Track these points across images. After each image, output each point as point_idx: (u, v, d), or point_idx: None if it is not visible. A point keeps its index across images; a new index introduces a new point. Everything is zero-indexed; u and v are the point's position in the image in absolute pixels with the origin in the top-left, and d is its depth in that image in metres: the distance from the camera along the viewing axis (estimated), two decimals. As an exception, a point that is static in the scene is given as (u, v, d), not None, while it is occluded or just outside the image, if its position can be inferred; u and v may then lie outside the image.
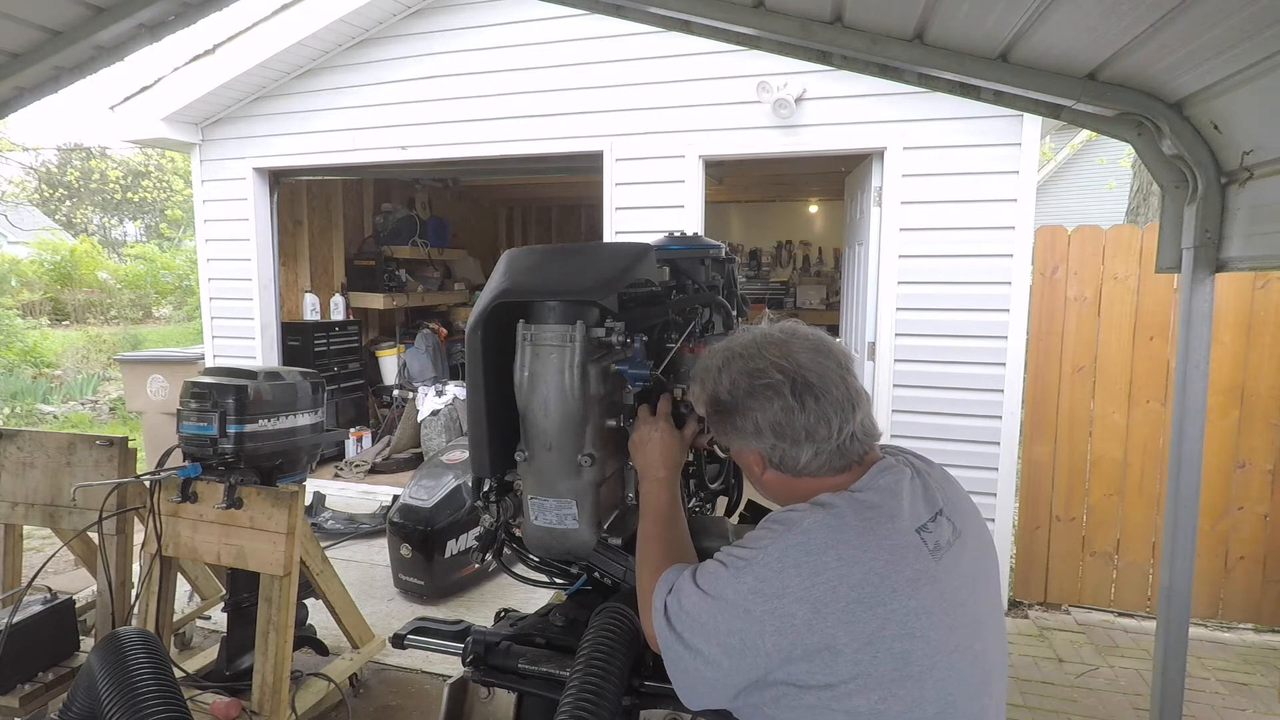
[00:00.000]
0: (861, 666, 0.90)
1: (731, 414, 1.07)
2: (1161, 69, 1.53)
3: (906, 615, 0.92)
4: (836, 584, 0.92)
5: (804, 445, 1.03)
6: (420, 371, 6.26)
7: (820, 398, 1.03)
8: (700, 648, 0.98)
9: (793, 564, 0.94)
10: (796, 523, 0.98)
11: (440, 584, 3.61)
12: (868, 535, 0.96)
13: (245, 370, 2.39)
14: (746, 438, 1.07)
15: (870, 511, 0.99)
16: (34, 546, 3.94)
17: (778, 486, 1.10)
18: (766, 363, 1.05)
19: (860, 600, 0.92)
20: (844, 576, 0.93)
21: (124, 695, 1.32)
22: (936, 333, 3.66)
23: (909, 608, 0.93)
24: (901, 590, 0.93)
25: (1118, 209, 10.11)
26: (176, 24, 2.28)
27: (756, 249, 8.69)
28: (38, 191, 21.46)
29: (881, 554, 0.95)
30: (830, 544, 0.95)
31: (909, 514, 1.01)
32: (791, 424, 1.03)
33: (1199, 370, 1.74)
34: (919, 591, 0.94)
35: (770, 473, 1.09)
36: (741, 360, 1.07)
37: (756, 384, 1.04)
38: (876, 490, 1.02)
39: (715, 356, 1.11)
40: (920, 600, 0.94)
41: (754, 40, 1.95)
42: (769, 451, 1.06)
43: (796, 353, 1.05)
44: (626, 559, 1.27)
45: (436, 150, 4.44)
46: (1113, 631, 3.47)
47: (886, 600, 0.92)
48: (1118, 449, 3.56)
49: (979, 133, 3.52)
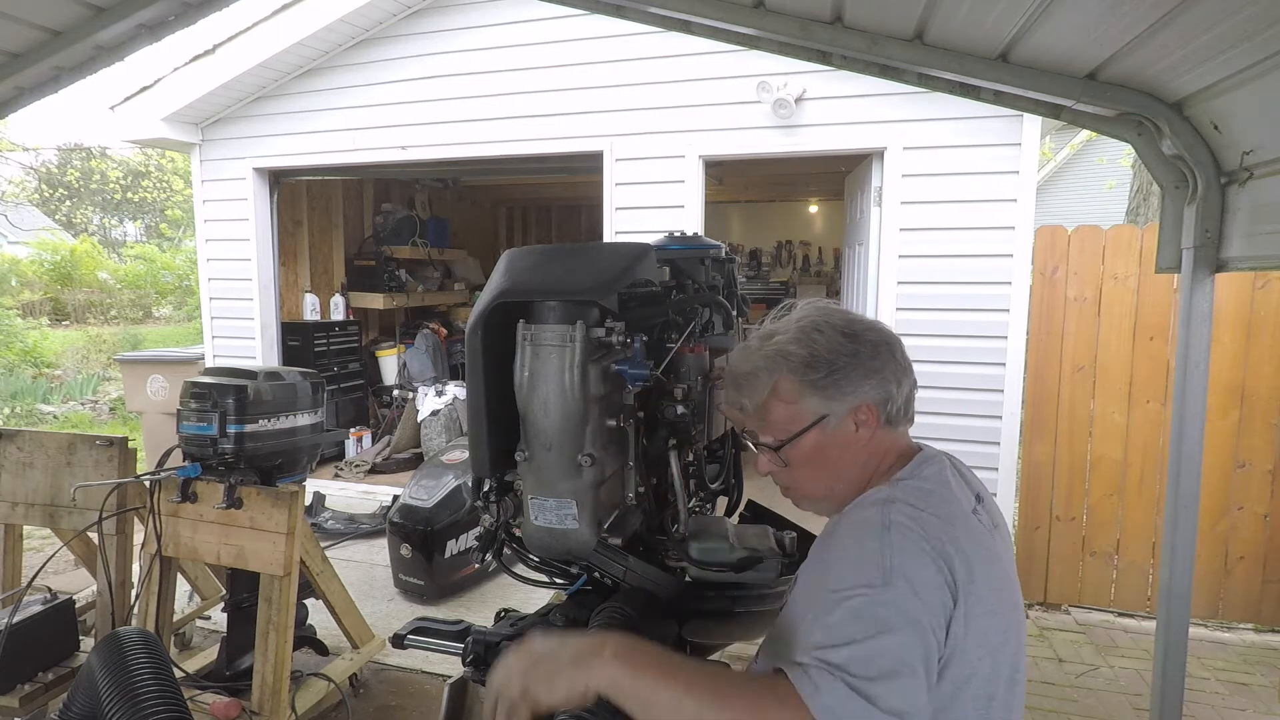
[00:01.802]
0: (955, 641, 0.91)
1: (836, 370, 1.04)
2: (1161, 69, 1.53)
3: (987, 591, 0.94)
4: (949, 564, 0.92)
5: (903, 386, 1.07)
6: (420, 371, 6.26)
7: (896, 348, 1.08)
8: (903, 685, 0.82)
9: (915, 554, 0.91)
10: (881, 523, 0.95)
11: (440, 584, 3.61)
12: (949, 514, 0.97)
13: (245, 370, 2.39)
14: (861, 388, 1.05)
15: (933, 498, 0.99)
16: (34, 546, 3.94)
17: (864, 450, 1.08)
18: (844, 319, 1.08)
19: (961, 581, 0.92)
20: (955, 554, 0.93)
21: (124, 695, 1.32)
22: (936, 333, 3.66)
23: (988, 584, 0.94)
24: (980, 566, 0.94)
25: (1118, 209, 10.11)
26: (176, 24, 2.28)
27: (756, 249, 8.69)
28: (38, 191, 21.46)
29: (964, 533, 0.96)
30: (929, 530, 0.93)
31: (961, 498, 1.03)
32: (894, 368, 1.06)
33: (1199, 370, 1.74)
34: (992, 569, 0.96)
35: (865, 431, 1.07)
36: (821, 320, 1.08)
37: (857, 331, 1.06)
38: (923, 479, 1.04)
39: (784, 331, 1.09)
40: (993, 577, 0.96)
41: (754, 40, 1.95)
42: (881, 397, 1.06)
43: (854, 316, 1.10)
44: (626, 559, 1.27)
45: (436, 150, 4.44)
46: (1113, 631, 3.47)
47: (976, 578, 0.93)
48: (1118, 449, 3.56)
49: (979, 133, 3.52)
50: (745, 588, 1.38)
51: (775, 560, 1.33)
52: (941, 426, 3.63)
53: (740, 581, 1.35)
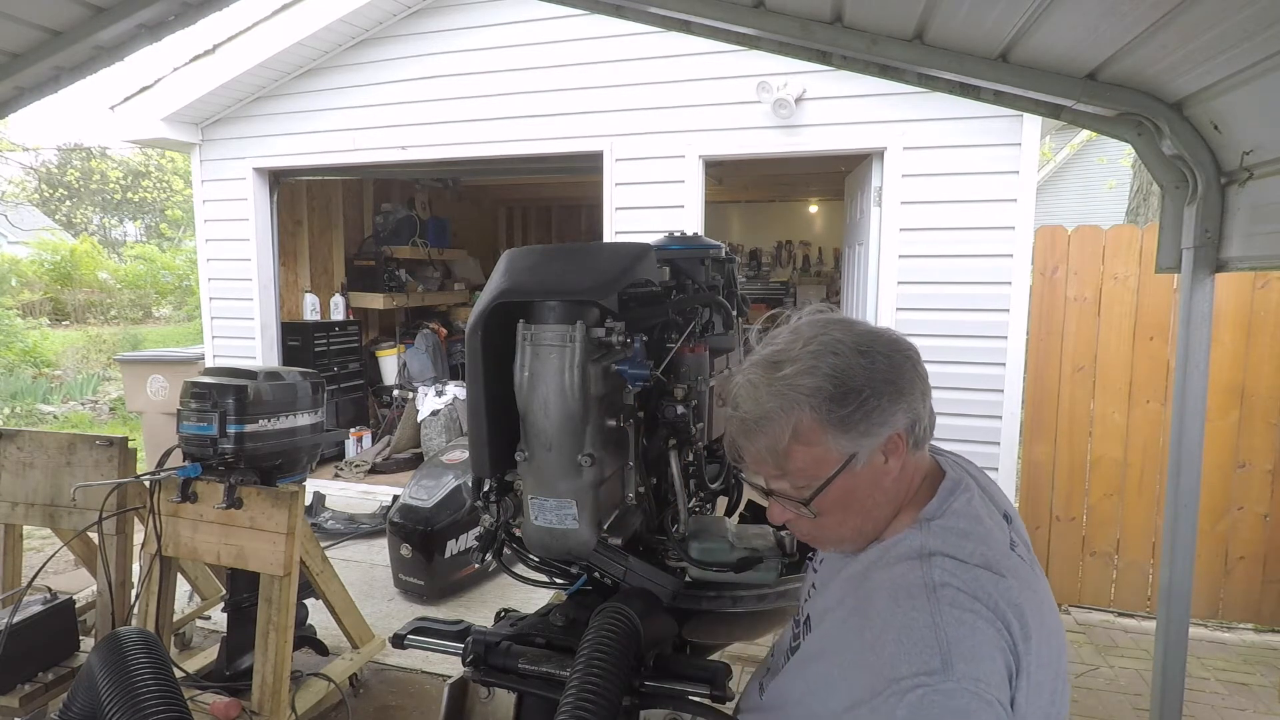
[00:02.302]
0: (1019, 709, 0.84)
1: (865, 400, 0.89)
2: (1161, 69, 1.53)
3: (1042, 644, 0.85)
4: (1007, 626, 0.83)
5: (927, 401, 0.95)
6: (420, 371, 6.26)
7: (917, 359, 0.96)
8: None
9: (971, 626, 0.81)
10: (925, 586, 0.84)
11: (440, 584, 3.61)
12: (993, 560, 0.88)
13: (245, 370, 2.39)
14: (893, 417, 0.91)
15: (971, 541, 0.89)
16: (34, 546, 3.94)
17: (893, 481, 0.95)
18: (856, 336, 0.93)
19: (1019, 640, 0.84)
20: (1010, 612, 0.84)
21: (124, 695, 1.32)
22: (936, 333, 3.66)
23: (1042, 635, 0.86)
24: (1033, 617, 0.85)
25: (1118, 209, 10.11)
26: (176, 24, 2.28)
27: (756, 249, 8.69)
28: (38, 191, 21.45)
29: (1015, 581, 0.86)
30: (979, 589, 0.84)
31: (997, 532, 0.93)
32: (920, 383, 0.94)
33: (1199, 370, 1.74)
34: (1044, 617, 0.87)
35: (894, 461, 0.94)
36: (832, 340, 0.92)
37: (874, 347, 0.92)
38: (955, 515, 0.93)
39: (795, 360, 0.92)
40: (1045, 626, 0.87)
41: (754, 40, 1.95)
42: (910, 421, 0.93)
43: (862, 328, 0.97)
44: (626, 559, 1.27)
45: (436, 150, 4.44)
46: (1113, 631, 3.47)
47: (1032, 633, 0.84)
48: (1118, 449, 3.56)
49: (979, 133, 3.52)
50: (745, 588, 1.38)
51: (775, 560, 1.33)
52: (941, 426, 3.56)
53: (740, 581, 1.35)
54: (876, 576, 0.90)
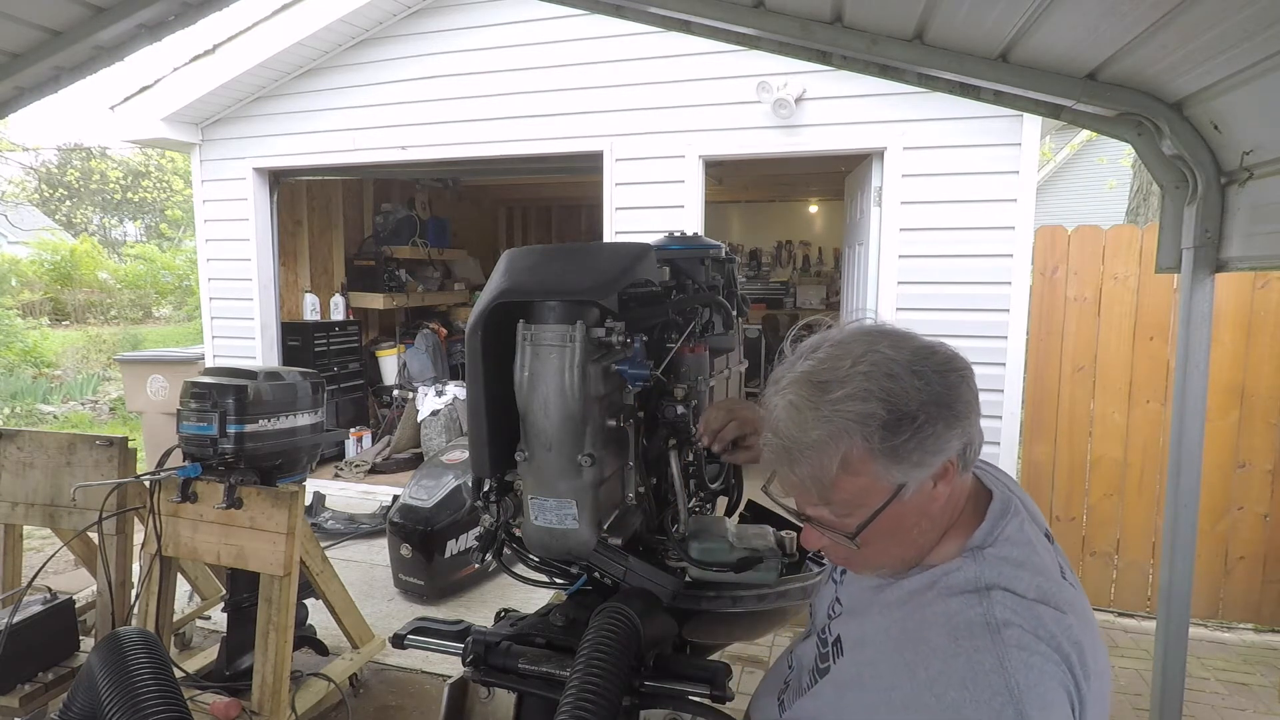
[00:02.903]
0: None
1: (920, 429, 0.81)
2: (1161, 69, 1.53)
3: (1097, 678, 0.82)
4: (1070, 667, 0.79)
5: (978, 422, 0.87)
6: (420, 371, 6.26)
7: (970, 378, 0.88)
8: None
9: (1040, 669, 0.77)
10: (987, 625, 0.79)
11: (440, 584, 3.61)
12: (1052, 593, 0.83)
13: (245, 370, 2.39)
14: (948, 445, 0.83)
15: (1027, 571, 0.84)
16: (34, 546, 3.94)
17: (941, 508, 0.88)
18: (911, 353, 0.85)
19: (1080, 679, 0.80)
20: (1073, 651, 0.80)
21: (124, 695, 1.32)
22: (936, 333, 3.55)
23: (1098, 668, 0.82)
24: (1089, 650, 0.81)
25: (1118, 209, 10.11)
26: (176, 24, 2.28)
27: (756, 249, 8.69)
28: (38, 191, 21.45)
29: (1074, 615, 0.82)
30: (1043, 628, 0.79)
31: (1050, 560, 0.87)
32: (974, 404, 0.86)
33: (1199, 370, 1.74)
34: (1097, 648, 0.83)
35: (944, 487, 0.86)
36: (888, 360, 0.84)
37: (932, 367, 0.85)
38: (1008, 541, 0.87)
39: (845, 381, 0.83)
40: (1099, 657, 0.83)
41: (754, 40, 1.95)
42: (962, 445, 0.85)
43: (917, 343, 0.90)
44: (626, 559, 1.27)
45: (436, 150, 4.44)
46: (1113, 631, 3.47)
47: (1090, 668, 0.80)
48: (1118, 449, 3.56)
49: (979, 133, 3.52)
50: (745, 587, 1.38)
51: (775, 560, 1.33)
52: None
53: (740, 581, 1.35)
54: (930, 610, 0.84)
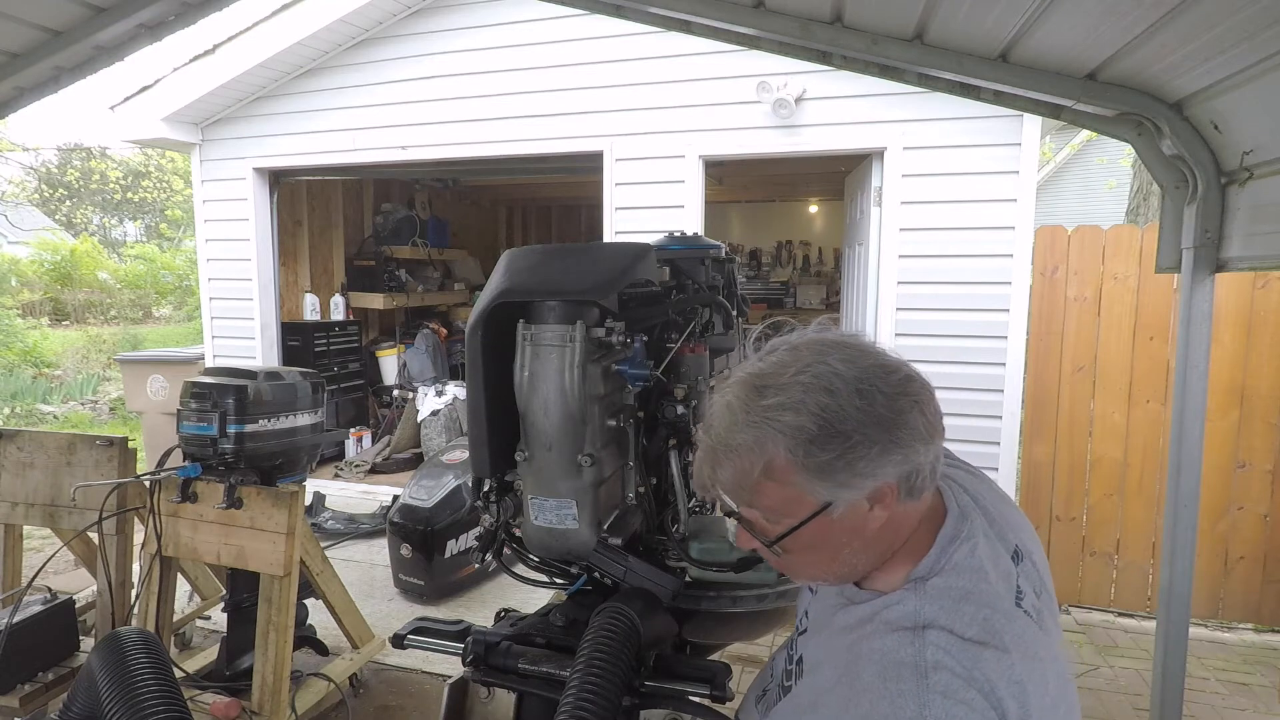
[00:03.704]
0: None
1: (851, 448, 0.77)
2: (1161, 69, 1.53)
3: (1042, 716, 0.76)
4: (1001, 713, 0.74)
5: (931, 450, 0.81)
6: (420, 371, 6.26)
7: (926, 404, 0.82)
8: None
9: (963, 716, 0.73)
10: (916, 668, 0.76)
11: (440, 584, 3.61)
12: (995, 631, 0.78)
13: (245, 370, 2.39)
14: (881, 469, 0.78)
15: (971, 604, 0.79)
16: (34, 546, 3.94)
17: (877, 531, 0.84)
18: (859, 371, 0.80)
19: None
20: (1007, 695, 0.74)
21: (124, 695, 1.32)
22: (936, 333, 3.66)
23: (1042, 708, 0.76)
24: (1034, 691, 0.76)
25: (1118, 209, 10.11)
26: (176, 24, 2.29)
27: (756, 249, 8.69)
28: (38, 191, 21.45)
29: (1018, 655, 0.77)
30: (975, 671, 0.75)
31: (1003, 587, 0.82)
32: (924, 430, 0.80)
33: (1199, 370, 1.74)
34: (1046, 687, 0.78)
35: (881, 510, 0.82)
36: (830, 374, 0.79)
37: (876, 387, 0.79)
38: (956, 570, 0.82)
39: (782, 389, 0.79)
40: (1047, 695, 0.77)
41: (754, 40, 1.95)
42: (905, 473, 0.80)
43: (871, 361, 0.84)
44: (626, 559, 1.27)
45: (436, 150, 4.44)
46: (1113, 631, 3.47)
47: (1032, 710, 0.75)
48: (1118, 449, 3.56)
49: (979, 133, 3.52)
50: (745, 587, 1.38)
51: (775, 560, 1.33)
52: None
53: (740, 581, 1.35)
54: (868, 644, 0.81)
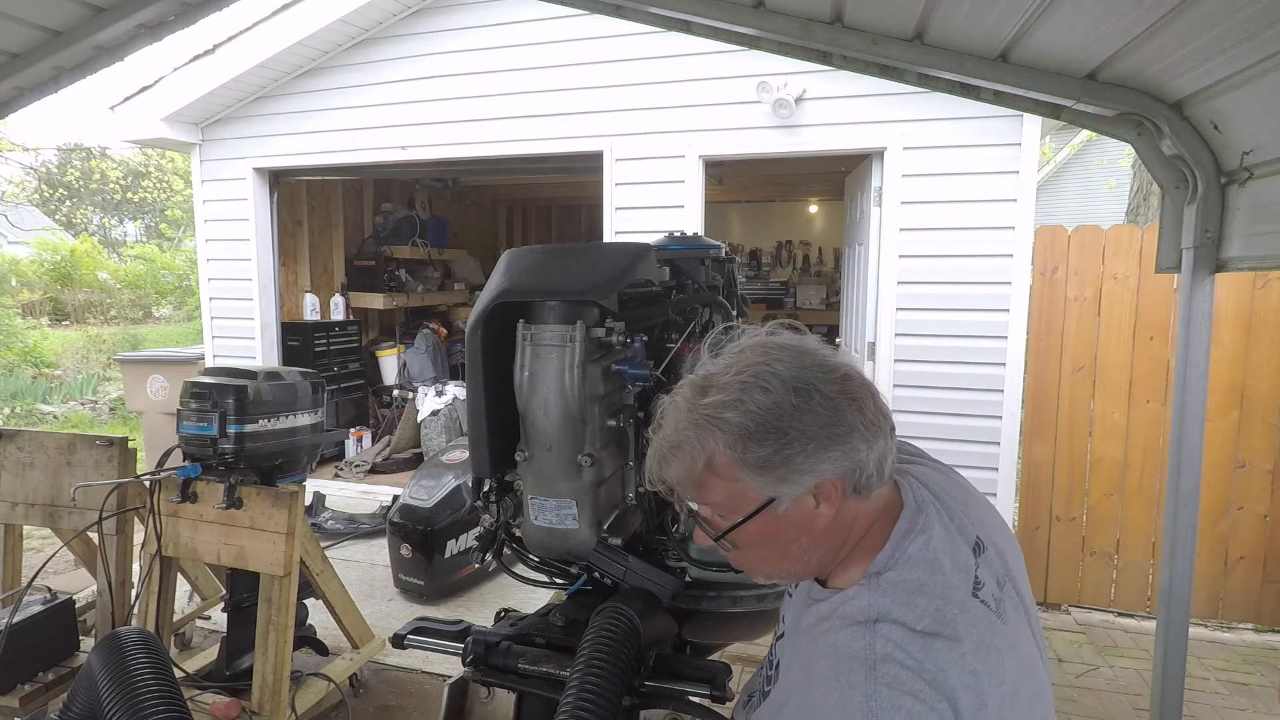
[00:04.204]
0: None
1: (786, 444, 0.80)
2: (1161, 69, 1.53)
3: (1000, 705, 0.78)
4: (953, 704, 0.75)
5: (874, 448, 0.83)
6: (420, 371, 6.26)
7: (865, 402, 0.84)
8: None
9: (908, 711, 0.74)
10: (865, 661, 0.77)
11: (440, 584, 3.61)
12: (948, 621, 0.79)
13: (245, 370, 2.39)
14: (818, 465, 0.81)
15: (923, 596, 0.81)
16: (34, 546, 3.94)
17: (826, 528, 0.86)
18: (795, 368, 0.83)
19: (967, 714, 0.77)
20: (959, 686, 0.76)
21: (124, 695, 1.32)
22: (936, 333, 3.66)
23: (999, 698, 0.78)
24: (990, 682, 0.77)
25: (1118, 209, 10.11)
26: (176, 24, 2.29)
27: (756, 249, 8.68)
28: (38, 191, 21.45)
29: (971, 647, 0.78)
30: (925, 663, 0.76)
31: (959, 578, 0.83)
32: (864, 429, 0.82)
33: (1199, 370, 1.74)
34: (1004, 678, 0.79)
35: (827, 507, 0.84)
36: (765, 371, 0.83)
37: (812, 384, 0.82)
38: (909, 563, 0.84)
39: (721, 388, 0.83)
40: (1005, 684, 0.79)
41: (754, 40, 1.95)
42: (847, 469, 0.82)
43: (811, 359, 0.86)
44: (626, 559, 1.27)
45: (436, 150, 4.44)
46: (1113, 631, 3.47)
47: (988, 700, 0.77)
48: (1118, 449, 3.56)
49: (979, 133, 3.52)
50: (745, 588, 1.38)
51: (775, 560, 1.33)
52: (941, 426, 3.64)
53: (740, 581, 1.35)
54: (824, 640, 0.83)
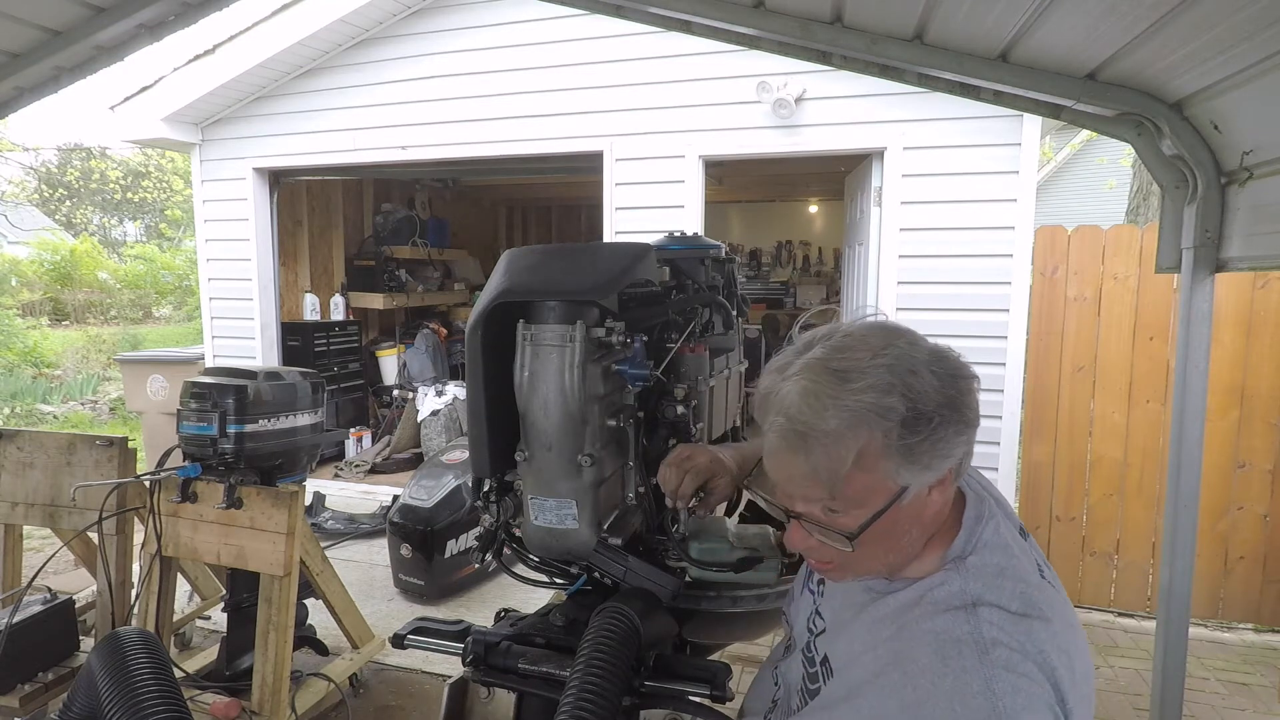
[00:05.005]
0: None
1: (936, 429, 0.79)
2: (1161, 69, 1.53)
3: (1084, 680, 0.79)
4: (1054, 681, 0.77)
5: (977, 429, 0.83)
6: (420, 371, 6.26)
7: (977, 384, 0.86)
8: None
9: (1026, 689, 0.74)
10: (975, 644, 0.76)
11: (440, 584, 3.61)
12: (1036, 602, 0.81)
13: (245, 370, 2.39)
14: (955, 449, 0.81)
15: (1008, 578, 0.82)
16: (34, 546, 3.94)
17: (932, 516, 0.86)
18: (930, 352, 0.85)
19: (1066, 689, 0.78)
20: (1059, 664, 0.77)
21: (124, 695, 1.32)
22: (936, 333, 3.53)
23: (1084, 671, 0.79)
24: (1078, 656, 0.79)
25: (1118, 209, 10.11)
26: (176, 24, 2.28)
27: (756, 249, 8.69)
28: (38, 191, 21.46)
29: (1060, 623, 0.80)
30: (1030, 644, 0.77)
31: (1027, 561, 0.85)
32: (978, 411, 0.84)
33: (1199, 370, 1.74)
34: (1081, 651, 0.81)
35: (939, 495, 0.84)
36: (910, 355, 0.82)
37: (951, 370, 0.83)
38: (987, 547, 0.85)
39: (866, 372, 0.80)
40: (1083, 660, 0.81)
41: (754, 40, 1.95)
42: (965, 454, 0.83)
43: (931, 343, 0.88)
44: (626, 559, 1.27)
45: (436, 150, 4.44)
46: (1113, 631, 3.47)
47: (1077, 672, 0.78)
48: (1118, 449, 3.56)
49: (979, 133, 3.52)
50: (745, 587, 1.38)
51: (775, 560, 1.33)
52: None
53: (740, 581, 1.35)
54: (919, 627, 0.81)
